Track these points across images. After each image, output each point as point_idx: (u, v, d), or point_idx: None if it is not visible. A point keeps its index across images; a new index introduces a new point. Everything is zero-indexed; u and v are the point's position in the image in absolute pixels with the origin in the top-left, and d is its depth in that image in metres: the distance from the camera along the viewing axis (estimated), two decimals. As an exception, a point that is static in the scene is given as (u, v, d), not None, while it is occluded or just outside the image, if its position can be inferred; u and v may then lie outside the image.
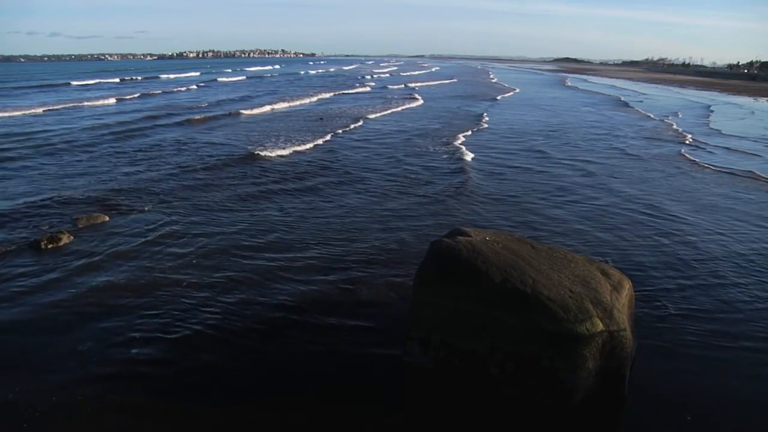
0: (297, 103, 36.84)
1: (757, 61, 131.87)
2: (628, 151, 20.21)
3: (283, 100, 36.75)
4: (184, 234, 10.25)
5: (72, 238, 9.86)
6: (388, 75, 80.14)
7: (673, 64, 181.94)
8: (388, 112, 31.07)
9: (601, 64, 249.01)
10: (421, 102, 37.64)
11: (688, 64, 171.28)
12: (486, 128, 25.70)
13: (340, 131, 23.68)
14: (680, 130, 25.93)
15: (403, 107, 34.14)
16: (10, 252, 9.23)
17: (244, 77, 73.17)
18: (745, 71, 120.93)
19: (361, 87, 51.19)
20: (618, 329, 5.27)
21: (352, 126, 25.23)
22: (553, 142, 21.90)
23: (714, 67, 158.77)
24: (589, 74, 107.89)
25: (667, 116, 32.17)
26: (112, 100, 38.02)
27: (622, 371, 5.40)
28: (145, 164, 16.62)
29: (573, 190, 14.07)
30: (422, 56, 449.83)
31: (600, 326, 5.19)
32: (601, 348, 5.24)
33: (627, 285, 5.98)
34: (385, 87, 53.03)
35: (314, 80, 67.41)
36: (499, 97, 43.60)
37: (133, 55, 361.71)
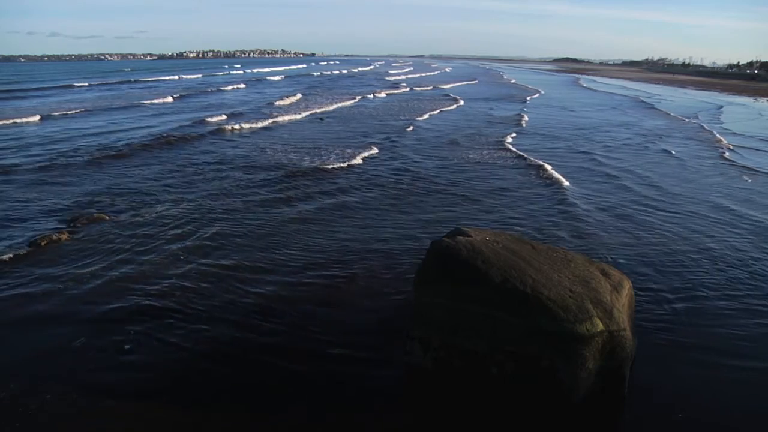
0: (348, 103, 37.06)
1: (757, 61, 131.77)
2: (673, 153, 19.92)
3: (330, 102, 36.65)
4: (187, 238, 10.25)
5: (72, 237, 9.86)
6: (410, 76, 79.03)
7: (673, 64, 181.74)
8: (429, 115, 30.48)
9: (601, 64, 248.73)
10: (462, 103, 37.95)
11: (688, 64, 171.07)
12: (528, 130, 25.69)
13: (395, 134, 23.41)
14: (714, 132, 25.90)
15: (445, 108, 34.15)
16: (10, 251, 9.25)
17: (282, 76, 73.33)
18: (746, 71, 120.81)
19: (397, 89, 51.00)
20: (618, 329, 5.27)
21: (409, 128, 24.79)
22: (597, 145, 21.51)
23: (714, 67, 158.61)
24: (591, 74, 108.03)
25: (691, 117, 32.38)
26: (169, 99, 39.05)
27: (622, 371, 5.40)
28: (177, 168, 16.24)
29: (654, 199, 13.49)
30: (422, 56, 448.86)
31: (600, 326, 5.19)
32: (601, 348, 5.24)
33: (627, 285, 5.98)
34: (414, 88, 52.58)
35: (347, 81, 66.78)
36: (528, 98, 43.70)
37: (133, 55, 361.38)
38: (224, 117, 27.86)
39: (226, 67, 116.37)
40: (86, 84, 57.11)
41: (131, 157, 17.69)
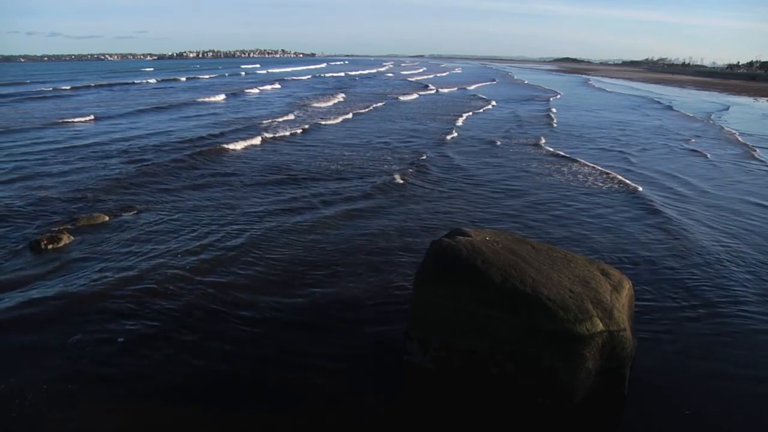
0: (383, 103, 37.05)
1: (757, 61, 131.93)
2: (709, 157, 19.53)
3: (367, 103, 36.40)
4: (186, 236, 10.26)
5: (72, 238, 9.86)
6: (428, 77, 78.07)
7: (673, 64, 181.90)
8: (466, 117, 30.01)
9: (601, 64, 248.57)
10: (494, 103, 38.30)
11: (688, 64, 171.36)
12: (560, 130, 25.67)
13: (442, 134, 23.22)
14: (735, 132, 25.95)
15: (478, 110, 34.09)
16: (10, 251, 9.26)
17: (309, 76, 73.82)
18: (746, 71, 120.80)
19: (426, 90, 50.63)
20: (618, 329, 5.27)
21: (453, 133, 23.83)
22: (632, 148, 21.27)
23: (714, 67, 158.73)
24: (592, 74, 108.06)
25: (705, 117, 32.59)
26: (221, 97, 40.35)
27: (622, 371, 5.40)
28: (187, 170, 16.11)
29: (726, 207, 12.94)
30: (422, 56, 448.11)
31: (600, 326, 5.19)
32: (601, 348, 5.24)
33: (627, 285, 5.98)
34: (441, 90, 52.12)
35: (372, 81, 66.07)
36: (550, 99, 43.89)
37: (133, 55, 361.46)
38: (281, 119, 27.27)
39: (244, 66, 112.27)
40: (114, 83, 57.17)
41: (188, 161, 16.92)
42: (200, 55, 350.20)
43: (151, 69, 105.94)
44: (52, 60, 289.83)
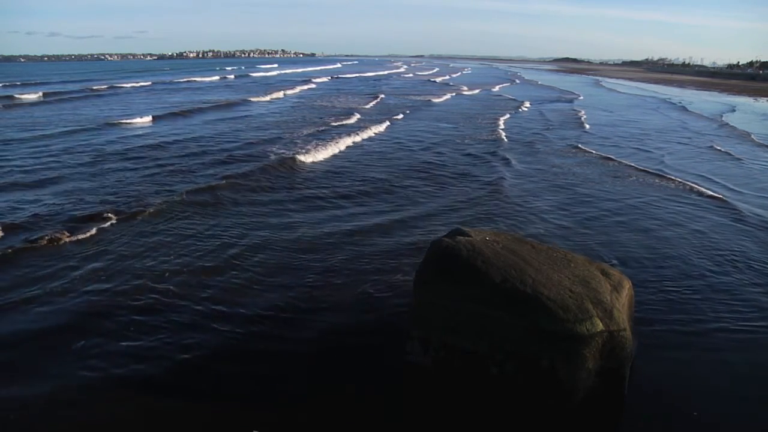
0: (419, 105, 36.98)
1: (757, 61, 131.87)
2: (744, 161, 19.07)
3: (403, 106, 35.81)
4: (186, 237, 10.27)
5: (72, 237, 9.87)
6: (446, 77, 77.50)
7: (673, 64, 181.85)
8: (503, 119, 29.59)
9: (601, 64, 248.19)
10: (528, 105, 38.48)
11: (689, 64, 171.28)
12: (594, 132, 25.55)
13: (497, 139, 22.83)
14: (751, 134, 26.02)
15: (513, 112, 34.02)
16: (10, 251, 9.27)
17: (331, 77, 73.38)
18: (747, 71, 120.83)
19: (456, 91, 50.03)
20: (618, 329, 5.27)
21: (501, 137, 23.14)
22: (655, 149, 21.13)
23: (714, 67, 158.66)
24: (596, 74, 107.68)
25: (716, 118, 32.75)
26: (267, 97, 40.81)
27: (622, 371, 5.40)
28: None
29: None
30: (422, 56, 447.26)
31: (600, 326, 5.19)
32: (601, 348, 5.24)
33: (627, 285, 5.98)
34: (471, 91, 51.71)
35: (396, 82, 65.23)
36: (573, 101, 43.87)
37: (133, 55, 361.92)
38: (337, 123, 26.33)
39: (263, 66, 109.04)
40: (147, 83, 56.79)
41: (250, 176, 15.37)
42: (200, 55, 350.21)
43: (168, 69, 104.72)
44: (52, 60, 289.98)
